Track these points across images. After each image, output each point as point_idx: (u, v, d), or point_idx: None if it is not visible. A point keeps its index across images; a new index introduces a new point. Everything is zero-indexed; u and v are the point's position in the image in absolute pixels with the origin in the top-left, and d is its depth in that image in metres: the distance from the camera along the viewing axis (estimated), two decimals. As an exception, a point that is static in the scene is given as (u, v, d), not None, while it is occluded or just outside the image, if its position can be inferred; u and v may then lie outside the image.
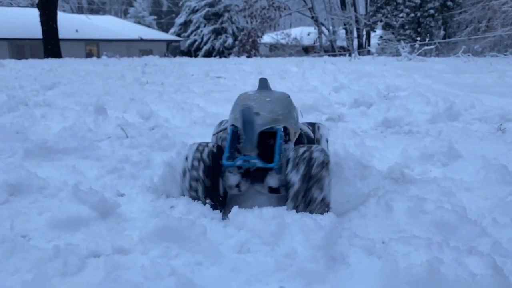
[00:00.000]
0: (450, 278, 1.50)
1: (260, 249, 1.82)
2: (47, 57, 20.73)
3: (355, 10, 31.90)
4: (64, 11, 36.63)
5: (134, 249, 1.84)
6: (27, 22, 27.62)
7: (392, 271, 1.61)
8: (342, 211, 2.25)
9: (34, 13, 23.95)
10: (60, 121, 4.53)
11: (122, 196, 2.51)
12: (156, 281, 1.57)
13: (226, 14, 35.21)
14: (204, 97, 6.35)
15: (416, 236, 1.84)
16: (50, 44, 22.97)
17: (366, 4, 32.80)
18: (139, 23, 43.50)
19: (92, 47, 31.88)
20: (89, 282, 1.57)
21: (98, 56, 22.03)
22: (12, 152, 3.26)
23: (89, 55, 28.25)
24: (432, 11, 25.69)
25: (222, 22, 35.23)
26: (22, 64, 13.63)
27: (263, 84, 2.62)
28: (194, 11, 36.67)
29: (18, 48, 28.75)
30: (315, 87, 7.32)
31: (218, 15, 35.45)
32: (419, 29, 26.15)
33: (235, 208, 2.08)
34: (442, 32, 27.59)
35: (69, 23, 29.87)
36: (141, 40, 33.71)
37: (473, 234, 1.95)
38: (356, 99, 5.75)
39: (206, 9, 35.57)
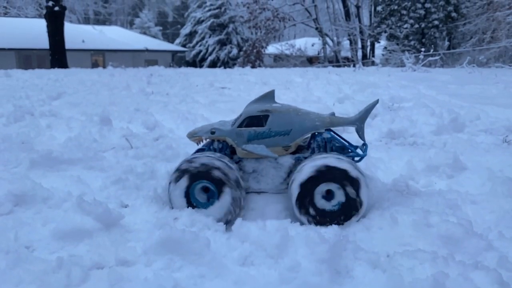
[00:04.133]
0: (456, 293, 1.48)
1: (264, 262, 1.81)
2: (54, 67, 20.88)
3: (359, 21, 32.01)
4: (71, 21, 36.97)
5: (137, 261, 1.84)
6: (34, 32, 27.88)
7: (397, 285, 1.61)
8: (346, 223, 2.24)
9: (41, 23, 24.15)
10: (65, 131, 4.54)
11: (126, 207, 2.51)
12: (159, 293, 1.56)
13: (231, 25, 35.40)
14: (208, 108, 6.36)
15: (421, 250, 1.82)
16: (57, 54, 23.13)
17: (371, 15, 32.93)
18: (144, 33, 43.79)
19: (98, 57, 32.07)
20: (92, 294, 1.57)
21: (104, 67, 22.12)
22: (18, 163, 3.29)
23: (95, 65, 28.40)
24: (436, 22, 25.64)
25: (227, 33, 35.41)
26: (28, 74, 13.74)
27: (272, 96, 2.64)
28: (199, 22, 36.90)
29: (25, 58, 28.95)
30: (319, 98, 7.31)
31: (223, 26, 35.65)
32: (423, 40, 26.11)
33: (238, 220, 2.08)
34: (447, 43, 27.53)
35: (76, 34, 30.10)
36: (147, 50, 33.89)
37: (479, 248, 1.92)
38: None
39: (211, 20, 35.78)
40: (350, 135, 4.77)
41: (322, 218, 2.25)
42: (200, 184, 2.35)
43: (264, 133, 2.46)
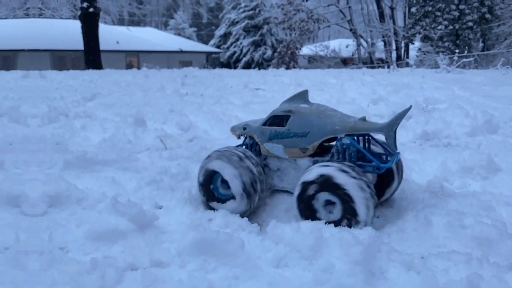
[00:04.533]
0: (490, 295, 1.49)
1: (298, 264, 1.81)
2: (88, 68, 21.26)
3: (394, 23, 31.72)
4: (105, 23, 37.64)
5: (171, 262, 1.85)
6: (69, 33, 28.36)
7: (431, 286, 1.62)
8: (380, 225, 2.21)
9: (76, 25, 24.60)
10: (99, 132, 4.60)
11: (160, 208, 2.54)
12: (193, 295, 1.56)
13: (266, 27, 35.42)
14: (243, 109, 6.38)
15: (455, 251, 1.83)
16: (91, 55, 23.46)
17: (405, 16, 32.51)
18: (179, 35, 44.25)
19: (133, 59, 32.55)
20: (126, 295, 1.58)
21: (138, 68, 22.48)
22: (52, 164, 3.31)
23: (129, 66, 28.83)
24: (470, 24, 25.29)
25: (261, 34, 35.44)
26: (63, 75, 13.99)
27: (306, 96, 2.67)
28: (233, 23, 37.08)
29: (60, 59, 29.50)
30: (353, 99, 7.26)
31: (257, 27, 35.71)
32: (457, 41, 25.75)
33: (272, 222, 2.07)
34: (481, 45, 27.10)
35: (110, 35, 30.59)
36: (181, 51, 34.24)
37: (513, 250, 1.91)
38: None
39: (246, 21, 35.89)
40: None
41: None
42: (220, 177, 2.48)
43: (283, 133, 2.48)
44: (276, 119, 2.54)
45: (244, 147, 2.75)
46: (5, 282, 1.66)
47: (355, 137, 2.41)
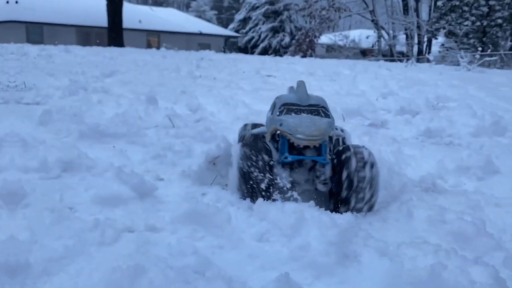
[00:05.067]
0: (449, 283, 1.57)
1: (278, 240, 1.96)
2: (110, 45, 21.48)
3: (418, 16, 30.97)
4: (129, 1, 37.81)
5: (164, 228, 2.03)
6: (94, 10, 28.69)
7: (397, 271, 1.70)
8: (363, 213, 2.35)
9: (102, 2, 24.88)
10: (114, 107, 4.85)
11: (161, 180, 2.73)
12: (179, 258, 1.74)
13: (286, 13, 35.21)
14: (251, 95, 6.53)
15: (426, 241, 1.91)
16: (114, 33, 23.72)
17: (430, 10, 31.85)
18: (199, 17, 44.22)
19: (153, 38, 32.71)
20: (120, 253, 1.77)
21: (158, 47, 22.63)
22: (68, 133, 3.61)
23: (149, 45, 29.05)
24: (500, 21, 24.38)
25: (280, 21, 35.30)
26: (86, 51, 14.32)
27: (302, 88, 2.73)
28: (254, 8, 36.96)
29: (85, 35, 29.92)
30: (363, 92, 7.33)
31: (277, 13, 35.54)
32: (484, 39, 24.93)
33: (259, 200, 2.24)
34: (509, 43, 26.21)
35: (133, 14, 30.77)
36: (201, 34, 34.29)
37: (487, 247, 1.99)
38: (403, 106, 5.72)
39: (266, 6, 35.76)
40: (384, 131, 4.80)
41: None
42: None
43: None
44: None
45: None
46: (22, 230, 1.89)
47: None
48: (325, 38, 32.58)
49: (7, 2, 28.95)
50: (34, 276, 1.60)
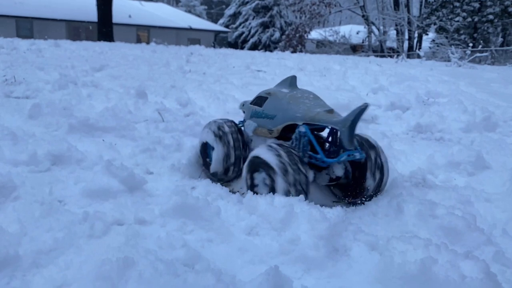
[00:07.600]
0: (440, 277, 1.58)
1: (267, 233, 1.96)
2: (100, 40, 21.39)
3: (408, 11, 31.05)
4: (119, -5, 37.54)
5: (153, 222, 2.03)
6: (84, 5, 28.64)
7: (387, 266, 1.70)
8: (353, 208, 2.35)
9: (92, -4, 24.73)
10: (103, 101, 4.83)
11: (151, 174, 2.71)
12: (168, 250, 1.74)
13: (276, 8, 35.14)
14: (241, 89, 6.50)
15: (417, 236, 1.90)
16: (104, 28, 23.59)
17: (421, 5, 31.96)
18: (189, 12, 44.06)
19: (143, 33, 32.55)
20: (110, 246, 1.76)
21: (148, 42, 22.52)
22: (58, 126, 3.60)
23: (139, 40, 28.92)
24: (491, 17, 24.41)
25: (271, 16, 35.22)
26: (76, 45, 14.23)
27: (292, 82, 2.76)
28: (244, 3, 36.86)
29: (75, 30, 29.73)
30: (354, 87, 7.32)
31: (267, 8, 35.45)
32: (475, 35, 25.00)
33: (249, 194, 2.23)
34: (500, 39, 26.30)
35: (123, 8, 30.63)
36: (190, 29, 34.13)
37: (478, 242, 1.99)
38: (393, 102, 5.71)
39: (256, 1, 35.64)
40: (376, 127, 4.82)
41: None
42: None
43: (259, 113, 2.66)
44: (259, 100, 2.72)
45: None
46: (12, 222, 1.90)
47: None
48: (315, 34, 32.64)
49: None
50: (23, 268, 1.60)
